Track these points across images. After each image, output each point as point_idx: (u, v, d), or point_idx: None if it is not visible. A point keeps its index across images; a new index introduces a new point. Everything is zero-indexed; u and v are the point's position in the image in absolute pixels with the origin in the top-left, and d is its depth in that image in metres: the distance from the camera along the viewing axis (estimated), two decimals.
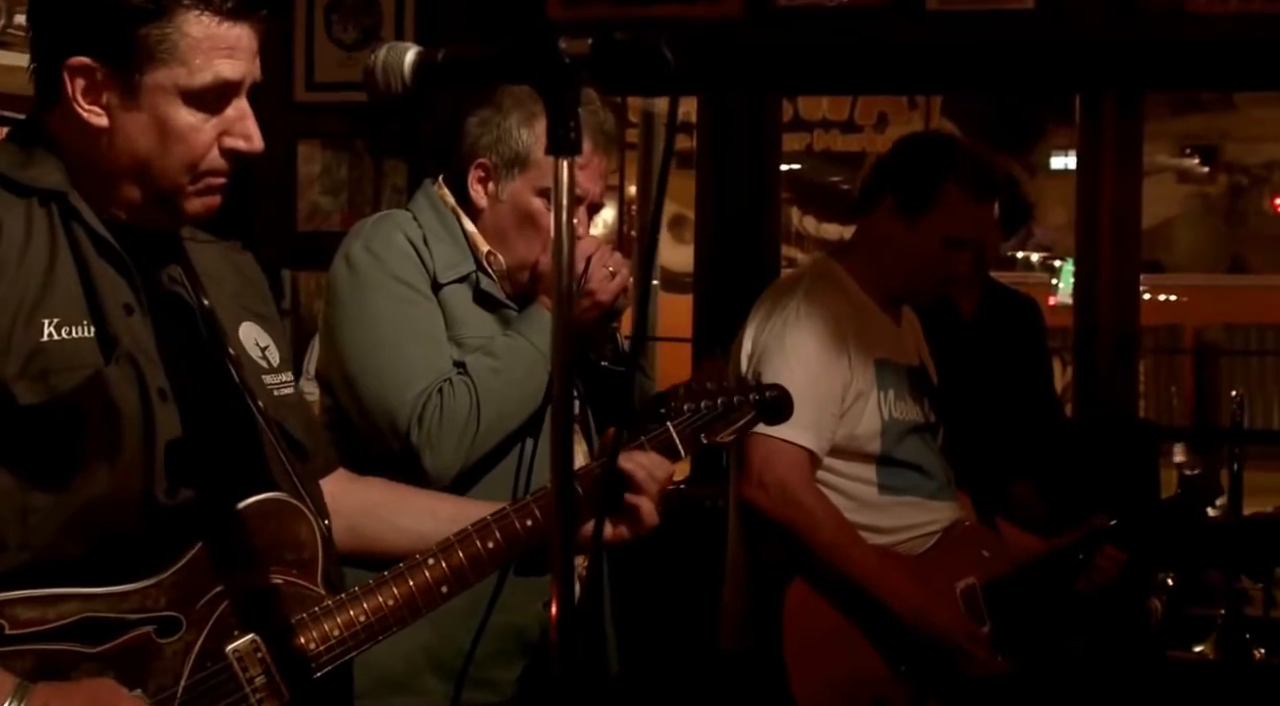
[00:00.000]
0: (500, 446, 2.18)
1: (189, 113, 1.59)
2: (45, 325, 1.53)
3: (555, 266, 1.24)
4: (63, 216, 1.58)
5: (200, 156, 1.60)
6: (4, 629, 1.47)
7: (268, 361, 1.75)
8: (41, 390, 1.51)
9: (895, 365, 2.70)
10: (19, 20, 3.47)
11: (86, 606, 1.51)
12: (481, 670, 2.14)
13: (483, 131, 2.26)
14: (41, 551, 1.51)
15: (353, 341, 2.16)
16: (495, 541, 1.78)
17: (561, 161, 1.22)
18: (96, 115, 1.57)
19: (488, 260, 2.27)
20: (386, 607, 1.68)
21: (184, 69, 1.56)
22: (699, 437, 1.91)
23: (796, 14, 3.84)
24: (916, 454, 2.68)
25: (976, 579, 2.66)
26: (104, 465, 1.54)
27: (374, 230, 2.24)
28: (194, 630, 1.57)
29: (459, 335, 2.21)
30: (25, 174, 1.58)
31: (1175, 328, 12.19)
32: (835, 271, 2.72)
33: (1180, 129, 10.92)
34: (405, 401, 2.11)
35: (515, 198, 2.25)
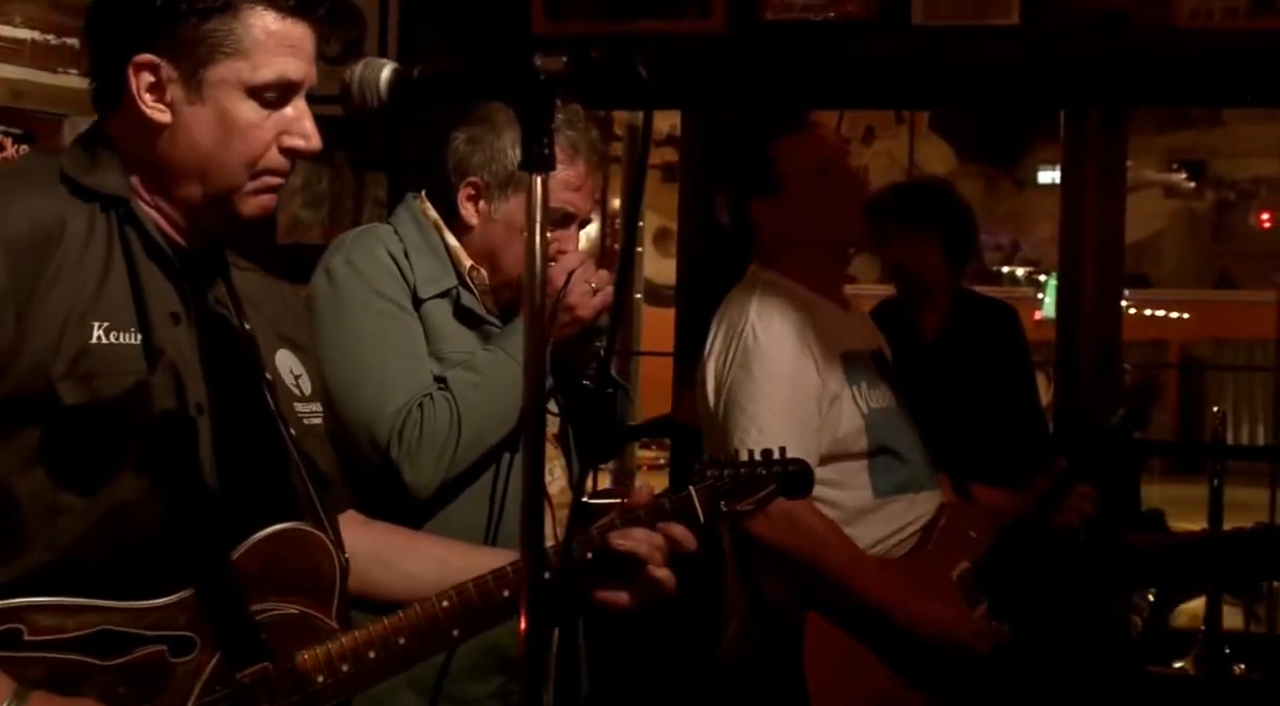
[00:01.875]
0: (479, 461, 2.18)
1: (251, 108, 1.60)
2: (95, 328, 1.54)
3: (529, 282, 1.24)
4: (120, 222, 1.60)
5: (260, 153, 1.62)
6: (23, 634, 1.48)
7: (300, 389, 1.77)
8: (85, 392, 1.52)
9: (858, 354, 2.68)
10: None
11: (105, 618, 1.52)
12: (457, 685, 2.13)
13: (474, 149, 2.26)
14: (65, 553, 1.52)
15: (333, 356, 2.15)
16: (511, 589, 1.76)
17: (536, 177, 1.22)
18: (160, 112, 1.59)
19: (470, 275, 2.27)
20: (396, 646, 1.68)
21: (247, 64, 1.58)
22: (719, 505, 1.90)
23: (782, 28, 3.84)
24: (898, 440, 2.66)
25: (969, 562, 2.65)
26: (136, 473, 1.55)
27: (355, 244, 2.24)
28: (207, 652, 1.57)
29: (440, 350, 2.20)
30: (89, 178, 1.60)
31: (1161, 342, 12.25)
32: (773, 279, 2.67)
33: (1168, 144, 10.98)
34: (385, 416, 2.11)
35: (509, 217, 2.24)
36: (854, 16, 3.82)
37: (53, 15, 3.56)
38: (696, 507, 1.88)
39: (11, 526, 1.52)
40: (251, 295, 1.75)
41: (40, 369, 1.51)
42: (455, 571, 1.82)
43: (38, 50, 3.52)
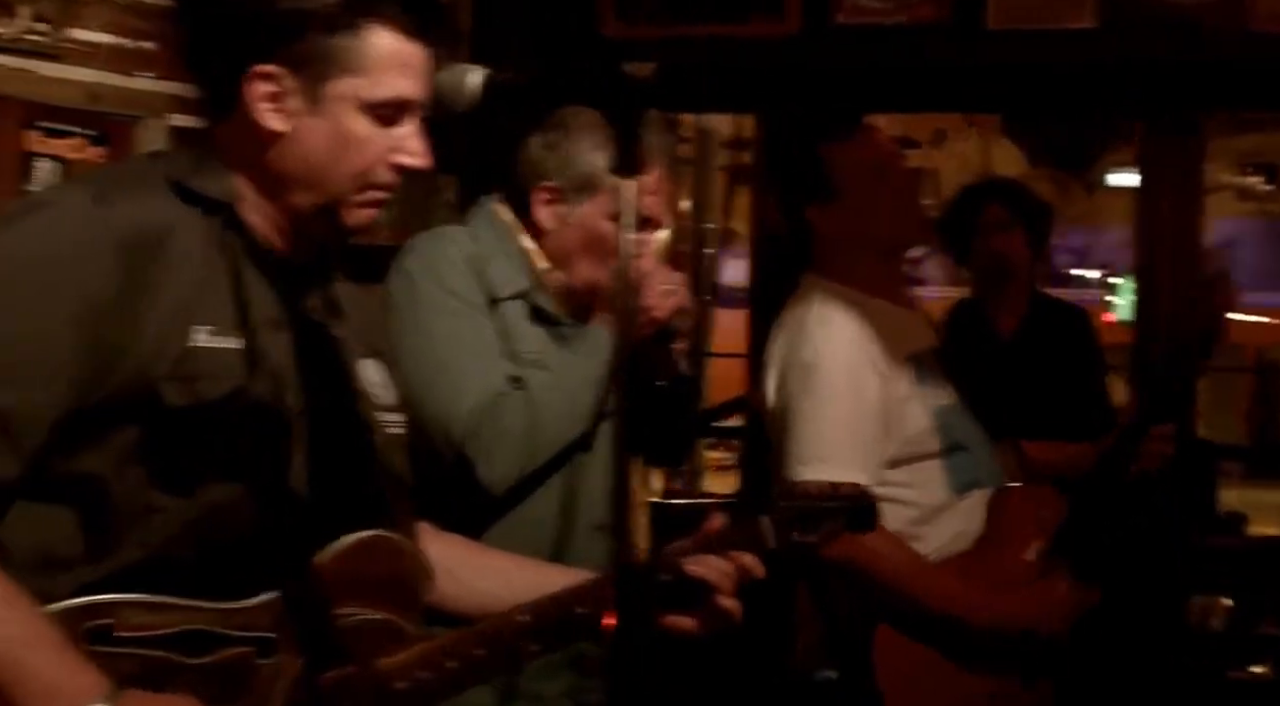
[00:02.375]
0: (551, 460, 2.20)
1: (365, 124, 1.62)
2: (198, 331, 1.56)
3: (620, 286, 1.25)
4: (225, 228, 1.62)
5: (369, 167, 1.64)
6: (113, 630, 1.50)
7: (384, 399, 1.78)
8: (187, 394, 1.54)
9: (923, 353, 2.70)
10: (71, 33, 3.53)
11: (193, 617, 1.54)
12: (528, 682, 2.15)
13: (550, 154, 2.28)
14: (157, 552, 1.54)
15: (407, 355, 2.18)
16: (588, 605, 1.78)
17: (627, 182, 1.23)
18: (277, 121, 1.61)
19: (545, 277, 2.29)
20: (475, 657, 1.69)
21: (367, 81, 1.61)
22: (790, 534, 1.93)
23: (854, 32, 3.83)
24: (967, 436, 2.67)
25: (1043, 540, 2.64)
26: (231, 476, 1.57)
27: (430, 245, 2.28)
28: (291, 654, 1.59)
29: (514, 351, 2.23)
30: (195, 182, 1.62)
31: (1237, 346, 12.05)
32: (830, 288, 2.66)
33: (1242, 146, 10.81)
34: (459, 414, 2.13)
35: (585, 221, 2.27)
36: (927, 20, 3.80)
37: (129, 19, 3.62)
38: (769, 537, 1.91)
39: (104, 524, 1.54)
40: (343, 302, 1.77)
41: (144, 369, 1.53)
42: (520, 587, 1.84)
43: (114, 54, 3.59)
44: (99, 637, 1.49)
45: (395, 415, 1.80)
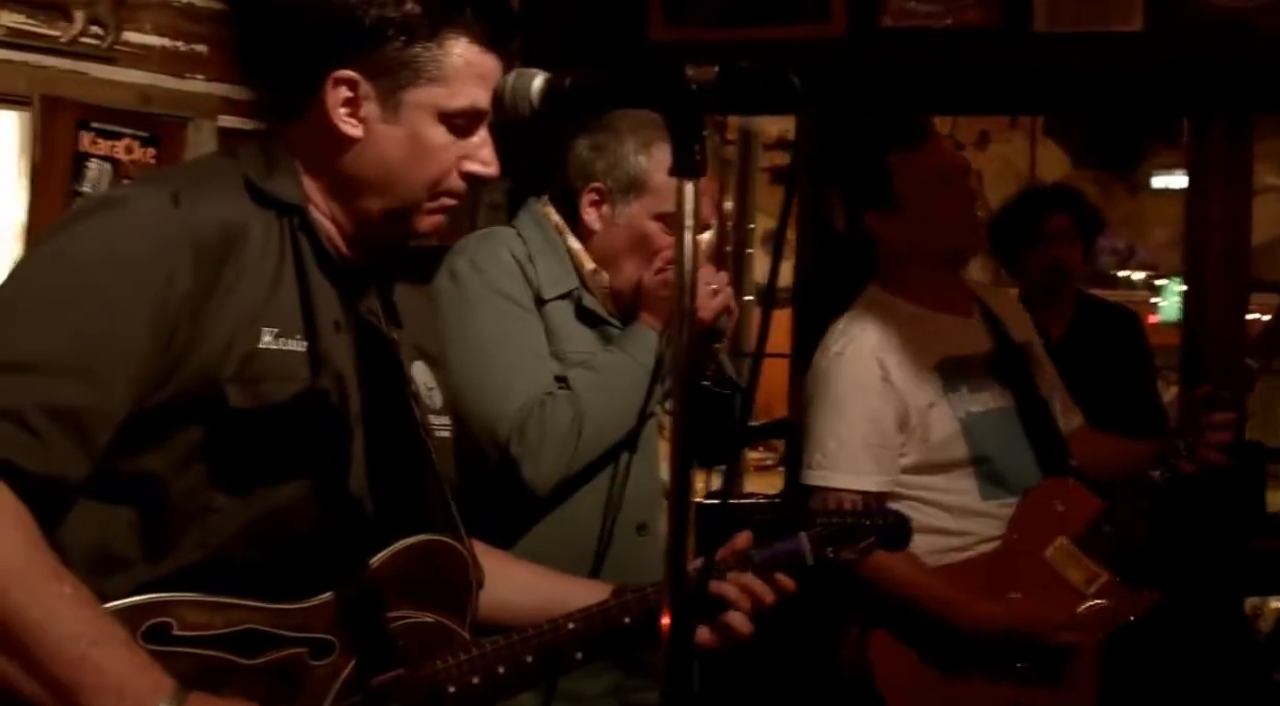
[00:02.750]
0: (597, 460, 2.21)
1: (441, 132, 1.64)
2: (264, 333, 1.57)
3: (677, 288, 1.26)
4: (294, 231, 1.63)
5: (443, 176, 1.65)
6: (172, 628, 1.50)
7: (433, 402, 1.80)
8: (252, 396, 1.55)
9: (965, 359, 2.70)
10: (126, 36, 3.58)
11: (250, 617, 1.54)
12: (572, 682, 2.14)
13: (597, 155, 2.30)
14: (215, 552, 1.55)
15: (456, 354, 2.19)
16: (633, 616, 1.81)
17: (686, 184, 1.24)
18: (354, 127, 1.62)
19: (592, 277, 2.31)
20: (524, 664, 1.71)
21: (445, 90, 1.62)
22: (826, 551, 1.98)
23: (901, 35, 3.83)
24: (1002, 443, 2.66)
25: (1065, 536, 2.62)
26: (293, 478, 1.58)
27: (479, 246, 2.30)
28: (344, 657, 1.59)
29: (561, 350, 2.25)
30: (269, 184, 1.63)
31: None
32: (877, 297, 2.73)
33: None
34: (506, 413, 2.15)
35: (632, 221, 2.29)
36: (974, 23, 3.78)
37: (181, 23, 3.66)
38: (806, 553, 1.96)
39: (162, 524, 1.55)
40: (396, 308, 1.78)
41: (210, 369, 1.54)
42: (542, 596, 1.87)
43: (166, 56, 3.62)
44: (157, 636, 1.49)
45: (444, 418, 1.81)
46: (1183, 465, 2.60)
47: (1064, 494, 2.65)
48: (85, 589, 1.46)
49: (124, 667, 1.43)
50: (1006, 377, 2.73)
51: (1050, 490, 2.65)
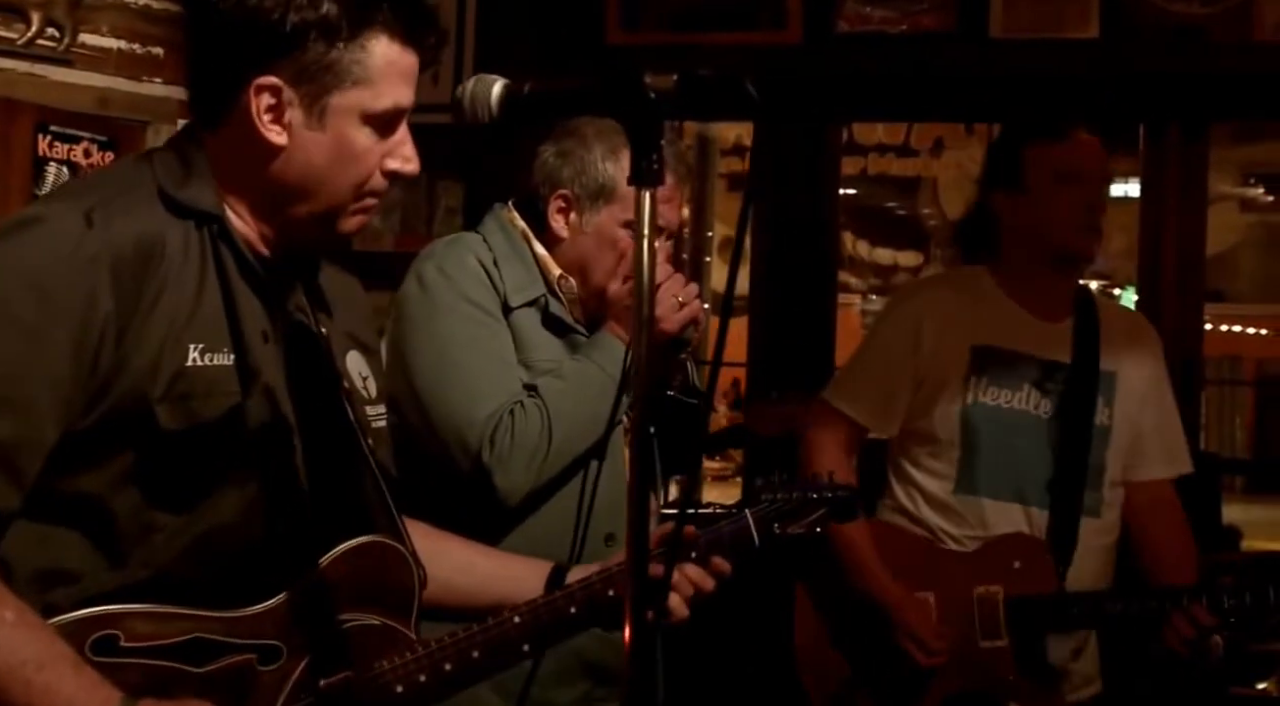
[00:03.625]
0: (566, 469, 2.20)
1: (366, 135, 1.62)
2: (191, 349, 1.55)
3: (636, 297, 1.25)
4: (214, 240, 1.60)
5: (368, 177, 1.64)
6: (119, 640, 1.50)
7: (368, 392, 1.78)
8: (182, 415, 1.53)
9: (1008, 353, 2.70)
10: (82, 38, 3.54)
11: (198, 626, 1.54)
12: (541, 691, 2.14)
13: (563, 162, 2.29)
14: (160, 570, 1.55)
15: (423, 362, 2.19)
16: (579, 606, 1.82)
17: (644, 193, 1.23)
18: (277, 134, 1.59)
19: (558, 284, 2.29)
20: (471, 659, 1.72)
21: (369, 92, 1.60)
22: (773, 528, 1.99)
23: (858, 40, 3.84)
24: (1004, 444, 2.68)
25: (1001, 588, 2.63)
26: (232, 494, 1.57)
27: (446, 252, 2.28)
28: (293, 660, 1.60)
29: (528, 358, 2.24)
30: (184, 193, 1.60)
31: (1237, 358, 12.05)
32: (973, 270, 2.83)
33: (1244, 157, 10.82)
34: (476, 421, 2.14)
35: (600, 229, 2.28)
36: (930, 29, 3.80)
37: (139, 25, 3.63)
38: (752, 532, 1.97)
39: (109, 543, 1.54)
40: (326, 296, 1.76)
41: (139, 390, 1.52)
42: (484, 576, 1.88)
43: (124, 59, 3.60)
44: (105, 648, 1.50)
45: (379, 407, 1.79)
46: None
47: (1030, 556, 2.64)
48: (29, 611, 1.46)
49: (71, 688, 1.43)
50: (1059, 391, 2.70)
51: (1022, 544, 2.65)
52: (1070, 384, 2.71)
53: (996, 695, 2.62)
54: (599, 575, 1.85)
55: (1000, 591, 2.62)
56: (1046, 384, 2.71)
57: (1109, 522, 2.73)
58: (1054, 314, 2.76)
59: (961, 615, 2.63)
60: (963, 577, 2.64)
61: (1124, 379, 2.75)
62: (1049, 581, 2.62)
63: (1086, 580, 2.66)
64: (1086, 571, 2.66)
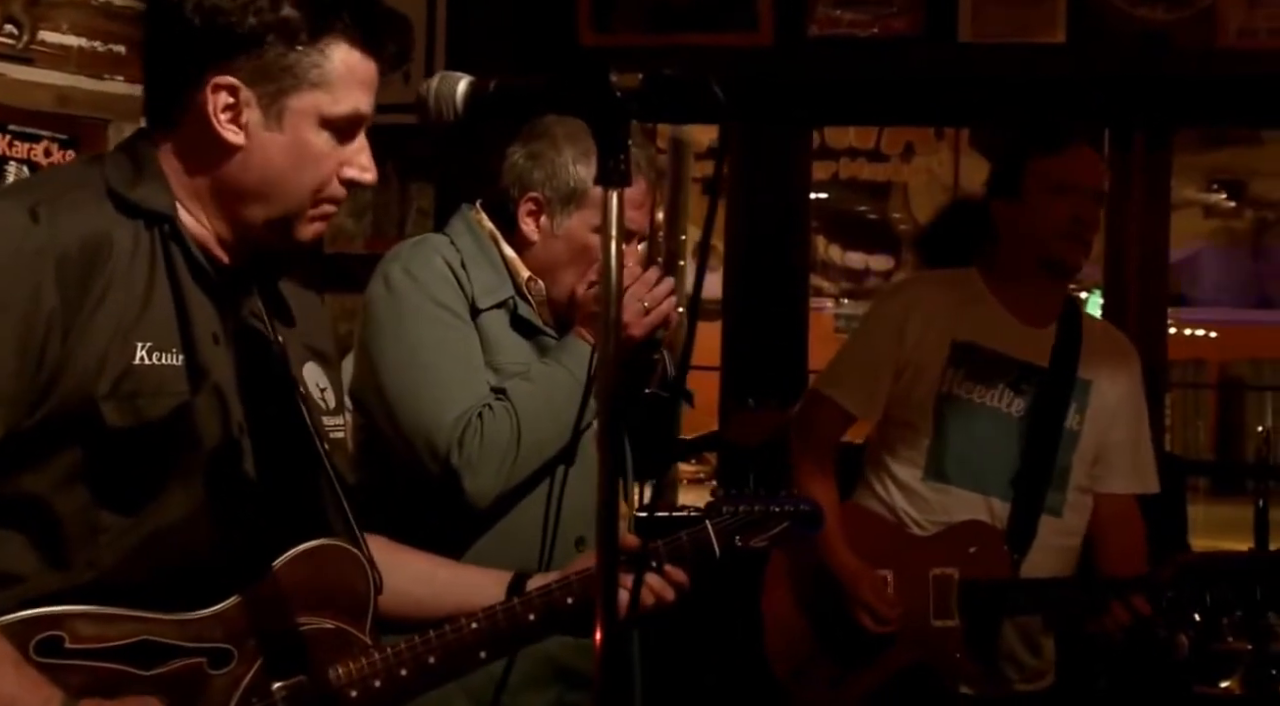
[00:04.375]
0: (535, 473, 2.19)
1: (324, 138, 1.61)
2: (138, 348, 1.53)
3: (604, 299, 1.25)
4: (164, 240, 1.59)
5: (325, 182, 1.63)
6: (64, 642, 1.48)
7: (326, 403, 1.77)
8: (128, 413, 1.52)
9: (991, 352, 2.81)
10: (42, 36, 3.52)
11: (145, 629, 1.52)
12: (512, 696, 2.13)
13: (534, 165, 2.26)
14: (107, 572, 1.53)
15: (391, 364, 2.17)
16: (538, 613, 1.82)
17: (611, 193, 1.23)
18: (234, 134, 1.59)
19: (527, 286, 2.28)
20: (427, 665, 1.71)
21: (328, 96, 1.60)
22: (734, 539, 2.00)
23: (829, 44, 3.85)
24: (972, 437, 2.78)
25: (956, 571, 2.73)
26: (179, 494, 1.56)
27: (413, 253, 2.25)
28: (244, 665, 1.58)
29: (496, 361, 2.22)
30: (134, 193, 1.59)
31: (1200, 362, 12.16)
32: (965, 271, 2.93)
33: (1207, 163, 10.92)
34: (444, 424, 2.12)
35: (571, 233, 2.26)
36: (900, 32, 3.82)
37: (99, 22, 3.60)
38: (713, 543, 1.97)
39: (53, 544, 1.52)
40: (283, 306, 1.75)
41: (84, 388, 1.50)
42: (443, 586, 1.87)
43: (84, 57, 3.56)
44: (48, 650, 1.48)
45: (337, 419, 1.78)
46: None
47: (986, 543, 2.74)
48: None
49: (12, 686, 1.42)
50: (1033, 394, 2.79)
51: (980, 531, 2.75)
52: (1045, 387, 2.80)
53: (945, 672, 2.74)
54: (558, 583, 1.85)
55: (955, 574, 2.73)
56: (1022, 385, 2.80)
57: (1070, 525, 2.81)
58: (1039, 320, 2.84)
59: (917, 594, 2.74)
60: (921, 559, 2.75)
61: (1098, 389, 2.85)
62: (1003, 568, 2.73)
63: (1041, 574, 2.75)
64: (1042, 566, 2.75)
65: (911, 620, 2.74)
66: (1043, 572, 2.75)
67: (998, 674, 2.77)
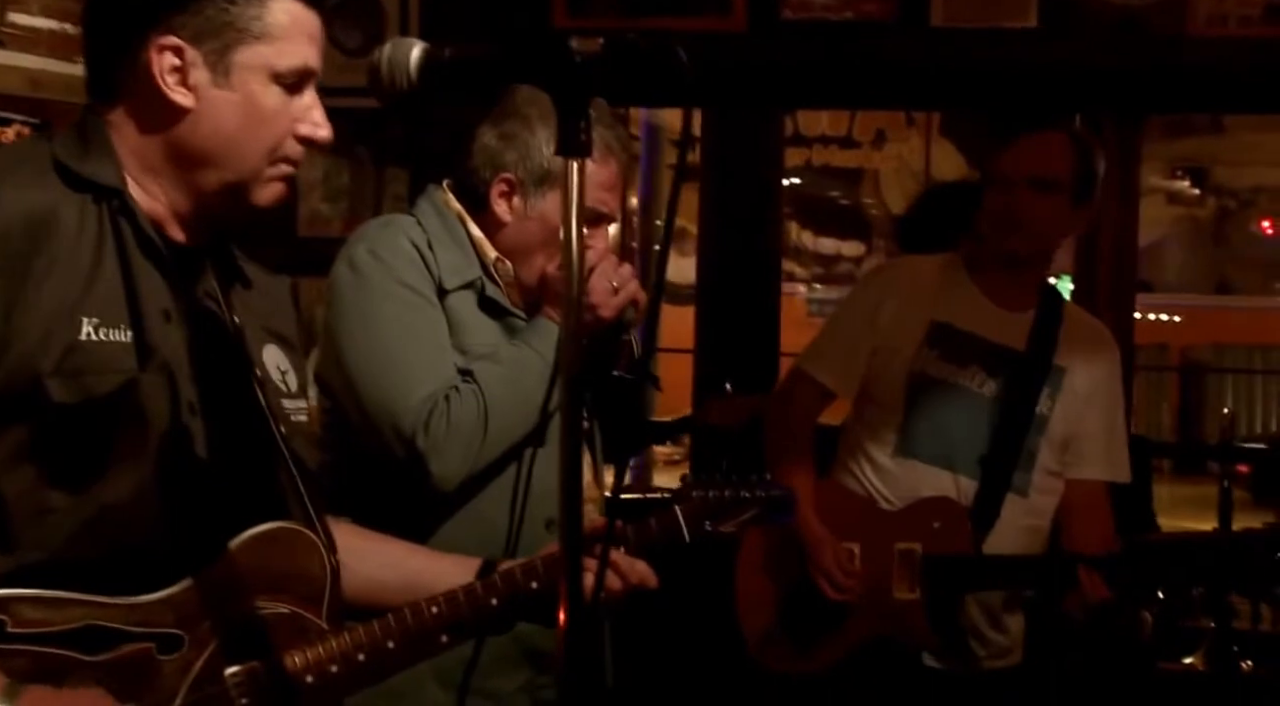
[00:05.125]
0: (504, 456, 2.17)
1: (275, 94, 1.59)
2: (84, 324, 1.51)
3: (565, 274, 1.22)
4: (113, 215, 1.56)
5: (280, 140, 1.61)
6: (6, 626, 1.45)
7: (286, 386, 1.74)
8: (75, 390, 1.50)
9: (966, 334, 2.83)
10: (13, 19, 3.49)
11: (92, 613, 1.49)
12: (484, 680, 2.12)
13: (506, 145, 2.23)
14: (54, 553, 1.50)
15: (356, 346, 2.14)
16: (500, 598, 1.79)
17: (572, 163, 1.21)
18: (184, 96, 1.56)
19: (495, 267, 2.25)
20: (386, 650, 1.68)
21: (273, 49, 1.58)
22: (703, 524, 1.97)
23: (801, 28, 3.85)
24: (944, 414, 2.81)
25: (919, 546, 2.77)
26: (127, 473, 1.53)
27: (378, 234, 2.22)
28: (195, 650, 1.55)
29: (463, 342, 2.19)
30: (83, 167, 1.57)
31: (1163, 346, 12.28)
32: (950, 256, 2.96)
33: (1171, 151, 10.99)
34: (410, 408, 2.10)
35: (545, 215, 2.22)
36: (873, 17, 3.82)
37: (70, 4, 3.56)
38: (682, 528, 1.95)
39: (0, 525, 1.49)
40: (243, 288, 1.72)
41: (29, 365, 1.48)
42: (414, 573, 1.84)
43: (56, 40, 3.53)
44: None
45: (298, 402, 1.75)
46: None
47: (950, 519, 2.77)
48: None
49: None
50: (1006, 376, 2.82)
51: (945, 507, 2.79)
52: (1019, 370, 2.83)
53: (908, 644, 2.78)
54: (520, 567, 1.82)
55: (919, 547, 2.77)
56: (996, 367, 2.83)
57: (1037, 506, 2.84)
58: (1017, 305, 2.87)
59: (881, 567, 2.78)
60: (887, 532, 2.79)
61: (1073, 376, 2.86)
62: (965, 545, 2.76)
63: (1005, 552, 2.78)
64: (1005, 545, 2.78)
65: (875, 592, 2.78)
66: (1007, 551, 2.77)
67: (963, 649, 2.80)
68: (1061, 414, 2.84)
